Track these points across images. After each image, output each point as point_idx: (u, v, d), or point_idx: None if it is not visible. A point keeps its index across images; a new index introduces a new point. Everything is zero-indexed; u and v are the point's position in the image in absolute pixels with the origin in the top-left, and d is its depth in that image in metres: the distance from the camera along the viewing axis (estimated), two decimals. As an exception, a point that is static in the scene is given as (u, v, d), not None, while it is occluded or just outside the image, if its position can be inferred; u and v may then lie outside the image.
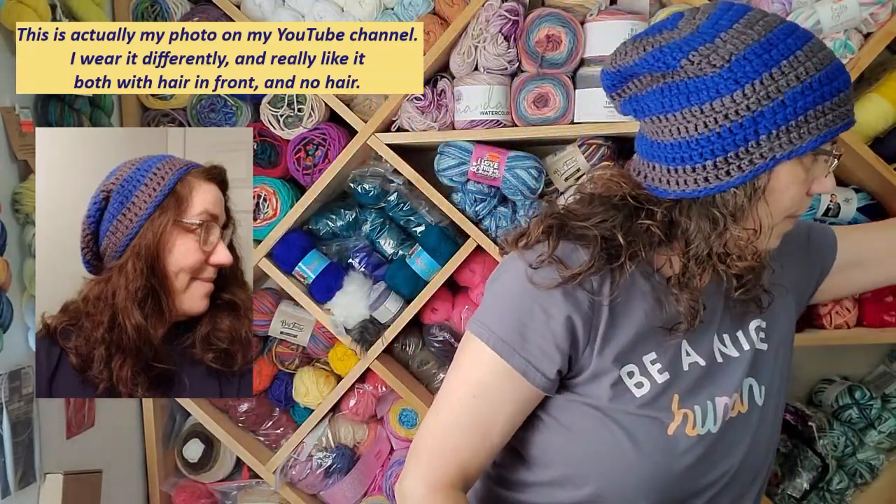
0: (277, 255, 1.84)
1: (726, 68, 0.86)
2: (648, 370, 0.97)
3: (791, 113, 0.86)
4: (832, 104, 0.88)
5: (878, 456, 1.87)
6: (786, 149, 0.88)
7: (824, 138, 0.88)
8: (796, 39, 0.88)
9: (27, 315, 1.37)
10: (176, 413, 1.96)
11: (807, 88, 0.86)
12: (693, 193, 0.91)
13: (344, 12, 1.77)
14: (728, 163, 0.89)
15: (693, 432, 0.97)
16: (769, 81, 0.86)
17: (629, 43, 0.94)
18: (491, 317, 0.97)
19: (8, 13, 1.33)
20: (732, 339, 1.03)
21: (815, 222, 1.20)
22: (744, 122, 0.87)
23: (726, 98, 0.86)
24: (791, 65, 0.86)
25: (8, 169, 1.39)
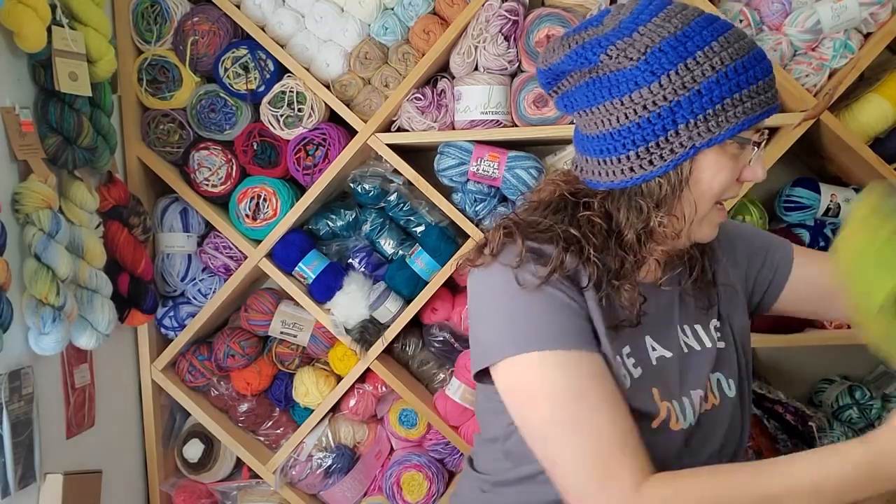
0: (277, 255, 1.84)
1: (643, 61, 0.89)
2: (626, 363, 0.97)
3: (707, 102, 0.89)
4: (749, 92, 0.89)
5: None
6: (704, 137, 0.90)
7: (742, 126, 0.90)
8: (712, 31, 0.90)
9: (27, 315, 1.37)
10: (176, 413, 1.96)
11: (722, 78, 0.88)
12: (620, 184, 0.94)
13: (344, 12, 1.77)
14: (650, 152, 0.91)
15: (677, 426, 0.97)
16: (684, 72, 0.88)
17: (557, 41, 0.97)
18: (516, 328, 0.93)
19: (8, 14, 1.33)
20: (694, 333, 1.04)
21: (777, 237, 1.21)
22: (661, 113, 0.90)
23: (644, 89, 0.89)
24: (706, 55, 0.88)
25: (8, 169, 1.38)
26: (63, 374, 1.53)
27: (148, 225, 1.73)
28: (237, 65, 1.76)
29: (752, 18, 1.68)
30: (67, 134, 1.48)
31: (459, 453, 1.88)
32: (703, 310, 1.06)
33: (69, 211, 1.49)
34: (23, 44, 1.37)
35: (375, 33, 1.78)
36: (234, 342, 1.86)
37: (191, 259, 1.87)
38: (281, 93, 1.76)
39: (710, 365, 1.03)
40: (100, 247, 1.54)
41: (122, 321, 1.68)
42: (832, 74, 1.68)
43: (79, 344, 1.48)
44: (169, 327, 1.87)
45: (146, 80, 1.78)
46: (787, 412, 1.79)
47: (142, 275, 1.69)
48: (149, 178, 1.85)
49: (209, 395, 1.94)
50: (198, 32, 1.75)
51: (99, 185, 1.62)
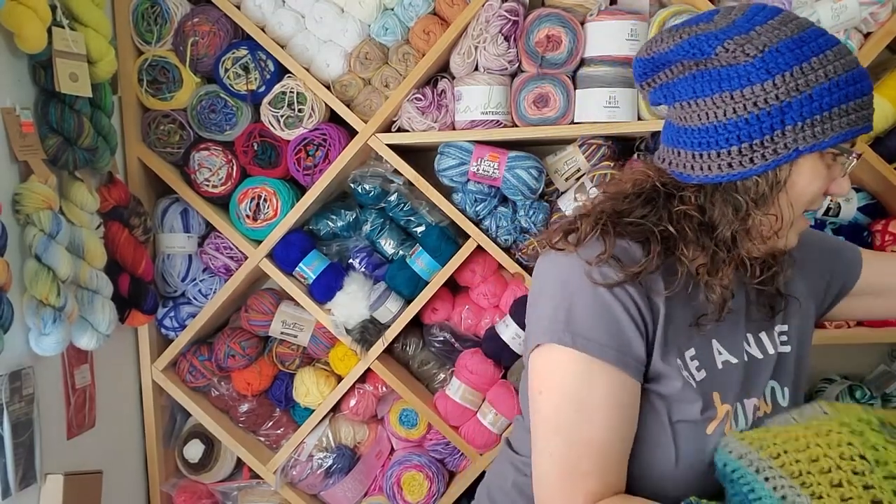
0: (278, 256, 1.84)
1: (759, 58, 0.89)
2: (689, 366, 0.97)
3: (817, 107, 0.90)
4: (856, 105, 0.91)
5: (878, 455, 1.87)
6: (809, 142, 0.90)
7: (846, 136, 0.91)
8: (827, 40, 0.91)
9: (27, 315, 1.37)
10: (176, 413, 1.96)
11: (833, 86, 0.90)
12: (716, 179, 0.94)
13: (344, 13, 1.77)
14: (753, 150, 0.91)
15: (730, 432, 0.97)
16: (799, 75, 0.89)
17: (665, 32, 0.96)
18: (565, 319, 0.93)
19: (8, 14, 1.33)
20: (757, 341, 1.04)
21: (844, 241, 1.24)
22: (771, 111, 0.90)
23: (756, 86, 0.89)
24: (821, 62, 0.90)
25: (8, 169, 1.39)
26: (63, 375, 1.53)
27: (148, 225, 1.73)
28: (237, 65, 1.76)
29: (752, 18, 1.68)
30: (68, 135, 1.48)
31: (460, 453, 1.88)
32: (766, 317, 1.05)
33: (70, 212, 1.49)
34: (23, 45, 1.37)
35: (375, 34, 1.78)
36: (235, 342, 1.87)
37: (191, 259, 1.87)
38: (281, 93, 1.76)
39: (770, 373, 1.04)
40: (100, 247, 1.54)
41: (123, 322, 1.68)
42: (832, 74, 1.68)
43: (79, 344, 1.48)
44: (169, 328, 1.87)
45: (146, 81, 1.78)
46: (787, 412, 1.79)
47: (142, 275, 1.69)
48: (149, 178, 1.85)
49: (210, 396, 1.94)
50: (198, 33, 1.75)
51: (99, 186, 1.62)
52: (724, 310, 0.97)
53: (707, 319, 0.97)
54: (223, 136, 1.82)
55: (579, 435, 0.92)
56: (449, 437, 1.84)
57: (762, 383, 1.02)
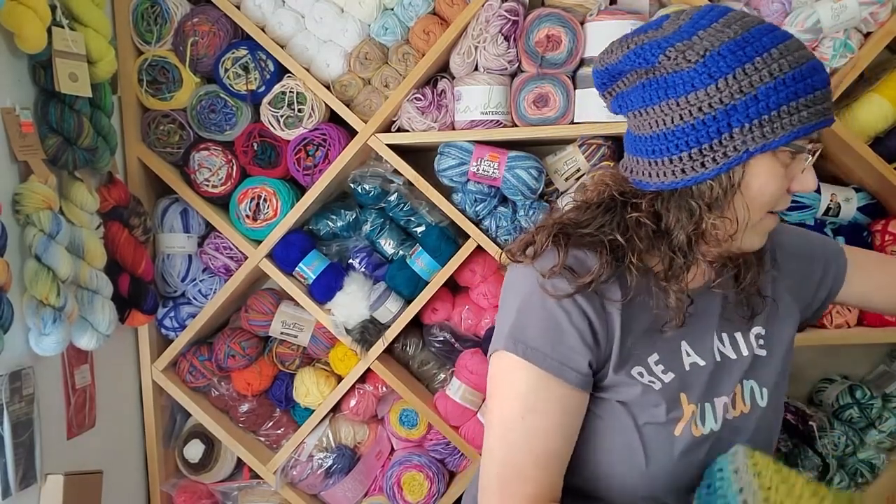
0: (278, 256, 1.84)
1: (700, 63, 0.89)
2: (654, 371, 0.98)
3: (763, 107, 0.89)
4: (806, 101, 0.90)
5: (878, 455, 1.87)
6: (758, 142, 0.90)
7: (797, 134, 0.90)
8: (772, 38, 0.90)
9: (27, 316, 1.37)
10: (176, 413, 1.96)
11: (780, 84, 0.89)
12: (671, 185, 0.94)
13: (344, 13, 1.77)
14: (703, 154, 0.92)
15: (698, 432, 0.99)
16: (742, 76, 0.89)
17: (616, 42, 0.98)
18: (515, 329, 0.97)
19: (8, 15, 1.33)
20: (732, 341, 1.05)
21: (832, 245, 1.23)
22: (717, 115, 0.90)
23: (700, 91, 0.90)
24: (765, 61, 0.89)
25: (8, 170, 1.38)
26: (64, 375, 1.53)
27: (148, 225, 1.73)
28: (237, 65, 1.76)
29: (752, 18, 1.69)
30: (68, 135, 1.48)
31: (460, 453, 1.88)
32: (744, 318, 1.06)
33: (69, 212, 1.49)
34: (23, 45, 1.37)
35: (375, 33, 1.78)
36: (235, 342, 1.87)
37: (191, 259, 1.87)
38: (281, 93, 1.76)
39: (742, 373, 1.04)
40: (100, 247, 1.54)
41: (123, 322, 1.68)
42: (832, 74, 1.68)
43: (79, 344, 1.48)
44: (169, 328, 1.87)
45: (146, 81, 1.78)
46: (787, 412, 1.79)
47: (142, 275, 1.69)
48: (149, 178, 1.85)
49: (210, 396, 1.94)
50: (198, 33, 1.75)
51: (99, 186, 1.62)
52: (684, 314, 0.97)
53: (669, 326, 0.98)
54: (223, 136, 1.82)
55: (523, 441, 0.95)
56: (449, 437, 1.84)
57: (733, 382, 1.03)
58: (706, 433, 0.99)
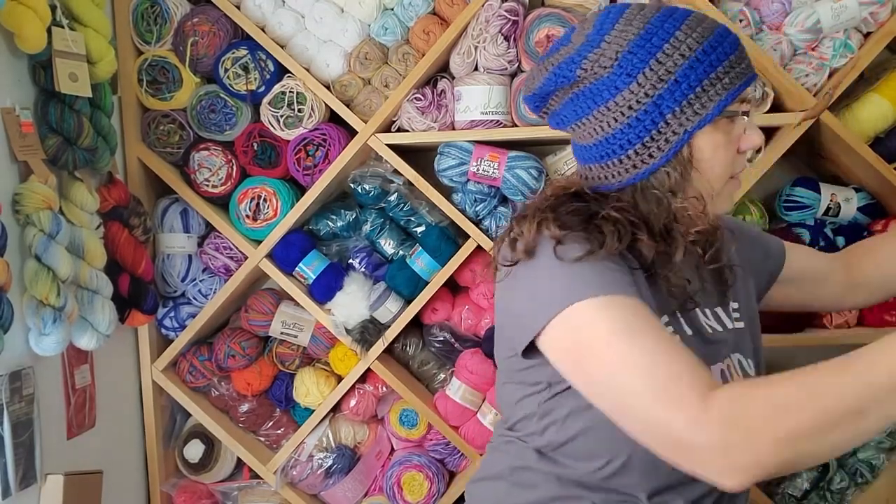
0: (278, 256, 1.84)
1: (616, 65, 0.95)
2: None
3: (687, 88, 0.94)
4: (725, 68, 0.95)
5: (878, 455, 1.87)
6: (693, 120, 0.95)
7: (726, 101, 0.95)
8: (673, 22, 0.95)
9: (27, 316, 1.37)
10: (176, 413, 1.96)
11: (695, 62, 0.94)
12: (630, 181, 0.99)
13: (344, 13, 1.77)
14: (647, 147, 0.96)
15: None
16: (657, 66, 0.94)
17: (535, 67, 1.03)
18: (568, 285, 0.91)
19: (8, 15, 1.33)
20: (715, 316, 1.07)
21: (765, 233, 1.30)
22: (647, 109, 0.95)
23: (625, 91, 0.95)
24: (673, 45, 0.94)
25: (8, 170, 1.38)
26: (64, 375, 1.53)
27: (148, 225, 1.73)
28: (237, 65, 1.76)
29: (752, 18, 1.68)
30: (68, 135, 1.48)
31: (460, 453, 1.88)
32: (721, 292, 1.09)
33: (69, 212, 1.49)
34: (23, 45, 1.37)
35: (375, 33, 1.78)
36: (235, 342, 1.87)
37: (191, 259, 1.87)
38: (281, 93, 1.76)
39: (731, 346, 1.06)
40: (100, 247, 1.54)
41: (123, 322, 1.68)
42: (832, 74, 1.68)
43: (79, 345, 1.48)
44: (169, 328, 1.87)
45: (146, 81, 1.78)
46: (787, 412, 1.79)
47: (142, 275, 1.69)
48: (149, 178, 1.85)
49: (210, 396, 1.94)
50: (198, 33, 1.75)
51: (99, 186, 1.62)
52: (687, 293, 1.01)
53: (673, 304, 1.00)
54: (223, 136, 1.82)
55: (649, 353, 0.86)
56: (449, 437, 1.84)
57: (721, 355, 1.05)
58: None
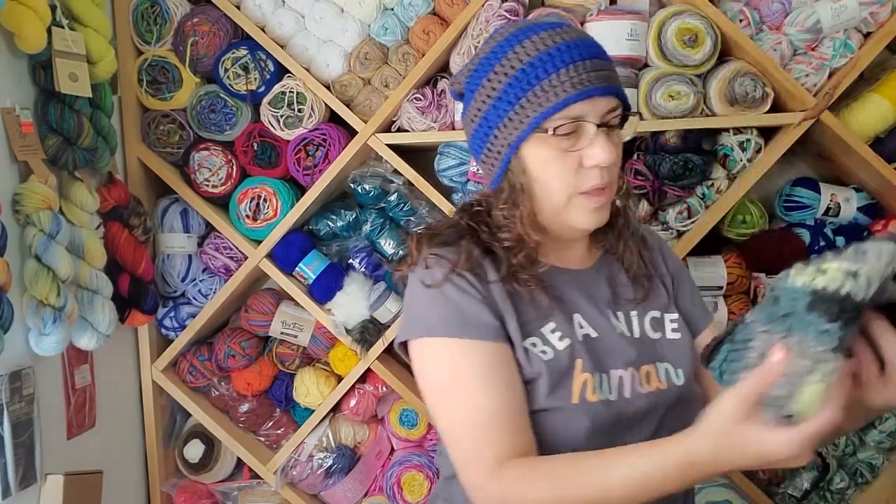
0: (278, 256, 1.84)
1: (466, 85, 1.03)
2: (549, 339, 1.03)
3: (507, 104, 0.98)
4: (543, 87, 0.96)
5: (878, 455, 1.87)
6: (513, 136, 0.99)
7: (539, 119, 0.97)
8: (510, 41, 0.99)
9: (27, 316, 1.37)
10: (176, 413, 1.96)
11: (514, 80, 0.97)
12: (492, 187, 1.05)
13: (344, 13, 1.77)
14: (488, 158, 1.03)
15: (594, 398, 1.01)
16: (487, 84, 1.00)
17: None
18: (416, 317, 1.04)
19: (8, 15, 1.33)
20: (626, 319, 1.09)
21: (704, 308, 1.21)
22: (481, 123, 1.02)
23: (470, 108, 1.03)
24: (502, 65, 0.99)
25: (8, 170, 1.38)
26: (64, 375, 1.53)
27: (148, 225, 1.73)
28: (237, 65, 1.76)
29: (752, 18, 1.69)
30: (68, 135, 1.48)
31: (460, 453, 1.88)
32: (639, 300, 1.10)
33: (69, 212, 1.49)
34: (23, 45, 1.37)
35: (375, 33, 1.78)
36: (235, 342, 1.87)
37: (191, 259, 1.87)
38: (281, 93, 1.76)
39: (652, 353, 1.07)
40: (100, 247, 1.54)
41: (123, 322, 1.68)
42: (832, 74, 1.68)
43: (79, 344, 1.48)
44: (169, 328, 1.87)
45: (146, 81, 1.78)
46: (787, 412, 1.79)
47: (142, 275, 1.69)
48: (149, 178, 1.85)
49: (210, 396, 1.94)
50: (198, 33, 1.75)
51: (99, 186, 1.62)
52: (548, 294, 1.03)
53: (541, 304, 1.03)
54: (223, 136, 1.82)
55: (468, 410, 0.98)
56: (449, 437, 1.84)
57: (631, 357, 1.05)
58: (603, 399, 1.01)
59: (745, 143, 1.72)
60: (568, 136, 0.98)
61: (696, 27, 1.65)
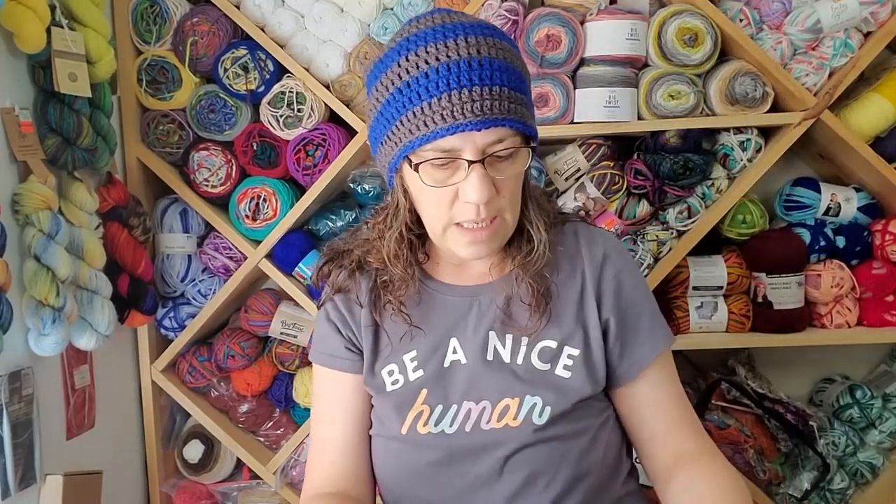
0: (277, 256, 1.83)
1: (367, 76, 0.95)
2: (406, 368, 1.02)
3: (385, 123, 0.90)
4: (414, 114, 0.86)
5: (878, 456, 1.87)
6: (389, 156, 0.92)
7: (408, 147, 0.88)
8: (405, 46, 0.88)
9: (27, 316, 1.37)
10: (176, 414, 1.95)
11: (392, 97, 0.87)
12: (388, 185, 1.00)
13: (343, 12, 1.77)
14: (380, 162, 0.97)
15: (425, 430, 0.99)
16: (374, 94, 0.91)
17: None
18: (315, 336, 1.13)
19: (7, 14, 1.33)
20: (514, 344, 1.01)
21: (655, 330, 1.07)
22: (372, 127, 0.94)
23: (368, 105, 0.95)
24: (387, 75, 0.88)
25: (7, 170, 1.38)
26: (63, 375, 1.53)
27: (148, 226, 1.73)
28: (237, 65, 1.76)
29: (752, 18, 1.68)
30: (67, 135, 1.48)
31: (460, 453, 1.87)
32: (529, 328, 1.00)
33: (69, 212, 1.49)
34: (22, 45, 1.37)
35: (375, 33, 1.77)
36: (235, 343, 1.86)
37: (191, 260, 1.87)
38: (280, 93, 1.76)
39: (526, 385, 0.99)
40: (99, 248, 1.54)
41: (122, 322, 1.68)
42: (832, 74, 1.68)
43: (79, 345, 1.48)
44: (169, 328, 1.87)
45: (146, 81, 1.78)
46: (787, 412, 1.79)
47: (142, 276, 1.68)
48: (148, 178, 1.85)
49: (209, 396, 1.94)
50: (197, 33, 1.75)
51: (98, 186, 1.62)
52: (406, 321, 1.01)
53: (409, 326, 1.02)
54: (222, 135, 1.82)
55: (314, 431, 1.10)
56: (449, 437, 1.84)
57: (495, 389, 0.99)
58: (435, 432, 0.98)
59: (745, 142, 1.72)
60: (443, 167, 0.89)
61: (697, 27, 1.65)
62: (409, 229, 0.98)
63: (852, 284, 1.77)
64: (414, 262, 1.01)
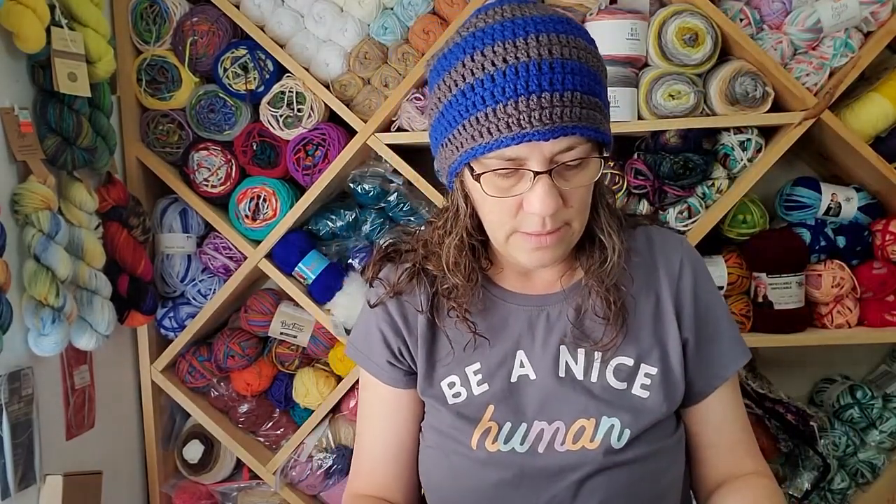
0: (277, 256, 1.83)
1: (430, 71, 0.89)
2: (469, 381, 0.97)
3: (447, 125, 0.85)
4: (477, 120, 0.81)
5: (879, 456, 1.87)
6: (450, 159, 0.87)
7: (470, 154, 0.83)
8: (473, 43, 0.82)
9: (26, 316, 1.37)
10: (176, 414, 1.95)
11: (458, 98, 0.82)
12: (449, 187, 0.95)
13: (343, 12, 1.77)
14: (439, 169, 0.94)
15: (494, 447, 0.94)
16: (437, 91, 0.86)
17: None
18: (353, 339, 1.07)
19: (7, 14, 1.33)
20: (587, 361, 0.96)
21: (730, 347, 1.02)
22: (433, 127, 0.90)
23: (429, 101, 0.90)
24: (452, 73, 0.83)
25: (7, 170, 1.38)
26: (63, 376, 1.53)
27: (147, 226, 1.73)
28: (236, 65, 1.76)
29: (753, 17, 1.68)
30: (66, 135, 1.48)
31: (460, 454, 1.87)
32: (605, 344, 0.94)
33: (68, 212, 1.48)
34: (22, 44, 1.37)
35: (375, 33, 1.77)
36: (234, 343, 1.86)
37: (190, 260, 1.86)
38: (280, 93, 1.76)
39: (602, 404, 0.94)
40: (99, 248, 1.54)
41: (122, 322, 1.68)
42: (833, 73, 1.68)
43: (78, 345, 1.48)
44: (169, 328, 1.87)
45: (145, 81, 1.78)
46: (788, 412, 1.79)
47: (141, 275, 1.68)
48: (148, 178, 1.85)
49: (209, 396, 1.94)
50: (197, 33, 1.75)
51: (98, 186, 1.62)
52: (474, 333, 0.95)
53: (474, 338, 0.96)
54: (222, 135, 1.82)
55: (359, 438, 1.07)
56: (449, 437, 1.84)
57: (571, 408, 0.94)
58: (504, 450, 0.93)
59: (745, 142, 1.72)
60: (507, 176, 0.83)
61: (697, 26, 1.65)
62: (471, 235, 0.93)
63: (853, 284, 1.77)
64: (477, 268, 0.95)
